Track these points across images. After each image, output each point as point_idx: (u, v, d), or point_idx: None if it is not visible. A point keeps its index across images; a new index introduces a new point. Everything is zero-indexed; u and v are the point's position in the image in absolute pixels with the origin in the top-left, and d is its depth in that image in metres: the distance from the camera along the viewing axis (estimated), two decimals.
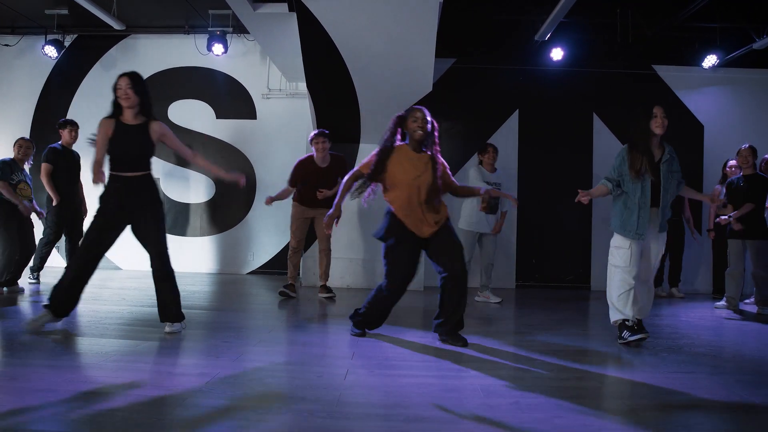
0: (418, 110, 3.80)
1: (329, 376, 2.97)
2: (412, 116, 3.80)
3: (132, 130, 3.78)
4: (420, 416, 2.39)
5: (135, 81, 3.79)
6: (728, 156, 6.86)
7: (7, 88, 8.32)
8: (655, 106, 3.85)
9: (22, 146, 5.72)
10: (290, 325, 4.49)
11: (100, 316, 4.41)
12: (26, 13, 7.66)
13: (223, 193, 8.09)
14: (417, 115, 3.79)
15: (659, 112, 3.84)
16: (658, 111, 3.84)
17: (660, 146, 3.93)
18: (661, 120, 3.83)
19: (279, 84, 8.09)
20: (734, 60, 7.47)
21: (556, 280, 7.70)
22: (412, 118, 3.80)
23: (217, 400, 2.50)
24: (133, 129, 3.78)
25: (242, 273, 8.02)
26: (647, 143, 3.86)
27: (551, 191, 7.50)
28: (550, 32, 6.95)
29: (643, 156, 3.82)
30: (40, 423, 2.15)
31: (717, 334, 4.67)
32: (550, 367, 3.33)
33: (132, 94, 3.75)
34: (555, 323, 4.89)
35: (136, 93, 3.77)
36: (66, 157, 6.13)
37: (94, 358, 3.17)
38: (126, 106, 3.76)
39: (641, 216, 3.84)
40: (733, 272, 5.76)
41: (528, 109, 7.82)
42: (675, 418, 2.48)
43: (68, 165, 6.14)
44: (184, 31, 8.05)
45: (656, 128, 3.84)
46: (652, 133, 3.85)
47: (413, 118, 3.79)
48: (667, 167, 3.88)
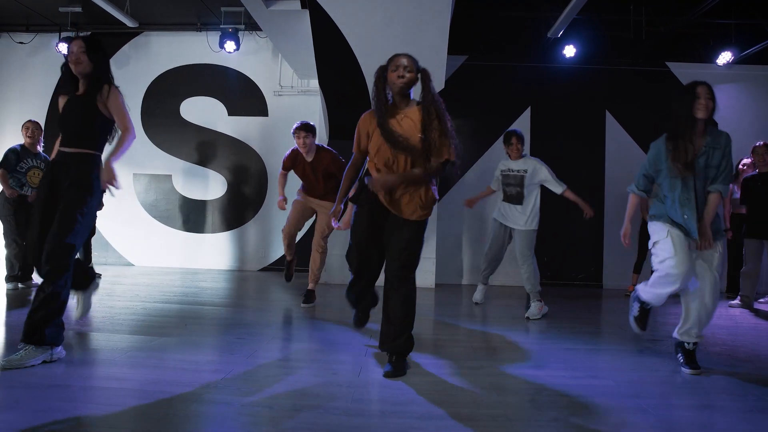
0: (402, 56, 3.03)
1: (343, 373, 2.98)
2: (393, 64, 3.03)
3: (77, 100, 3.24)
4: (433, 413, 2.39)
5: (90, 45, 3.24)
6: (744, 154, 6.79)
7: (21, 85, 8.40)
8: (699, 85, 3.20)
9: (29, 128, 5.58)
10: (304, 322, 4.50)
11: (113, 312, 4.44)
12: (40, 11, 7.72)
13: (236, 190, 8.12)
14: (399, 62, 3.00)
15: (703, 91, 3.18)
16: (702, 90, 3.18)
17: (703, 134, 3.23)
18: (705, 102, 3.16)
19: (291, 81, 8.10)
20: (749, 57, 7.38)
21: (567, 278, 7.67)
22: (392, 66, 3.03)
23: (231, 397, 2.51)
24: (78, 99, 3.23)
25: (255, 270, 8.05)
26: (690, 130, 3.20)
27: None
28: (562, 29, 6.90)
29: (687, 145, 3.18)
30: (55, 417, 2.17)
31: (732, 334, 4.62)
32: (564, 365, 3.32)
33: (85, 59, 3.19)
34: (567, 321, 4.86)
35: (90, 59, 3.20)
36: None
37: (109, 354, 3.19)
38: (76, 71, 3.21)
39: (687, 215, 3.20)
40: (749, 271, 5.71)
41: (540, 106, 7.78)
42: (691, 417, 2.47)
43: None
44: (197, 28, 8.08)
45: (697, 111, 3.17)
46: (695, 117, 3.19)
47: (393, 66, 3.02)
48: (705, 161, 3.20)
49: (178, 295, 5.50)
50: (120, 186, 3.14)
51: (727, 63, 7.37)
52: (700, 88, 3.19)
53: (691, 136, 3.20)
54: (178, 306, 4.90)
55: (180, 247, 8.07)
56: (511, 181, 5.20)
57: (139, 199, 8.08)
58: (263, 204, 8.09)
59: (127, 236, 8.03)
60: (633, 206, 3.58)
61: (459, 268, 7.65)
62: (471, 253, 7.53)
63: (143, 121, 8.12)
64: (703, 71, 7.71)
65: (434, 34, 5.70)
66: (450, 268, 7.57)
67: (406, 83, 3.01)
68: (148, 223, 8.09)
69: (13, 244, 5.41)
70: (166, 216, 8.14)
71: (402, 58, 3.01)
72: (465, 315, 5.13)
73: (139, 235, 8.02)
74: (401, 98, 3.06)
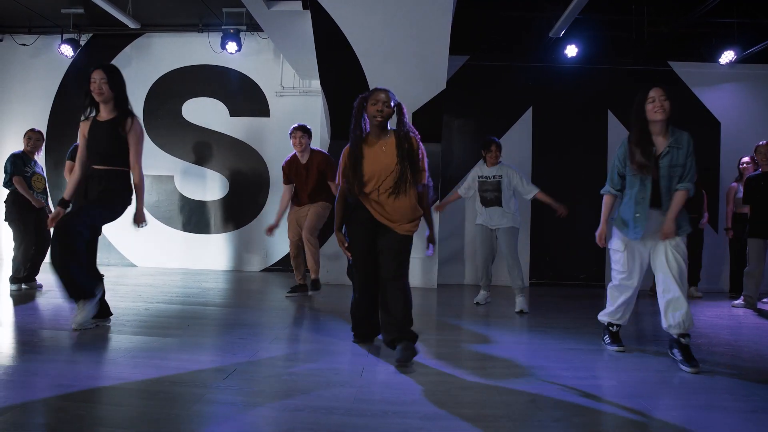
0: (381, 91, 3.34)
1: (345, 373, 2.98)
2: (372, 98, 3.36)
3: (101, 126, 3.72)
4: (436, 414, 2.39)
5: (110, 74, 3.66)
6: (745, 153, 6.78)
7: (23, 87, 8.42)
8: (652, 88, 3.33)
9: (32, 138, 5.67)
10: (306, 322, 4.50)
11: (116, 312, 4.43)
12: (42, 12, 7.74)
13: (238, 190, 8.13)
14: (378, 97, 3.32)
15: (657, 94, 3.30)
16: (655, 93, 3.30)
17: (666, 135, 3.36)
18: (660, 103, 3.28)
19: (292, 82, 8.11)
20: (752, 56, 7.37)
21: (569, 278, 7.66)
22: (372, 100, 3.35)
23: (234, 397, 2.51)
24: (102, 125, 3.72)
25: (256, 270, 8.06)
26: (643, 133, 3.35)
27: (565, 189, 7.43)
28: (564, 29, 6.90)
29: (639, 148, 3.33)
30: (58, 417, 2.18)
31: (735, 334, 4.61)
32: (566, 365, 3.31)
33: (106, 89, 3.64)
34: (569, 321, 4.86)
35: (111, 87, 3.66)
36: None
37: (112, 354, 3.19)
38: (99, 100, 3.68)
39: (639, 213, 3.39)
40: (753, 271, 5.69)
41: (542, 106, 7.78)
42: (694, 418, 2.46)
43: None
44: (198, 29, 8.09)
45: (654, 114, 3.30)
46: (649, 120, 3.33)
47: (373, 101, 3.34)
48: (668, 161, 3.32)
49: (180, 295, 5.51)
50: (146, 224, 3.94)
51: (730, 62, 7.36)
52: (654, 91, 3.33)
53: (649, 138, 3.35)
54: (180, 306, 4.90)
55: (182, 248, 8.08)
56: (488, 187, 5.47)
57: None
58: (265, 204, 8.10)
59: (130, 238, 8.02)
60: (608, 207, 3.68)
61: (461, 269, 7.64)
62: (472, 253, 7.53)
63: (145, 122, 8.11)
64: (705, 70, 7.72)
65: (436, 34, 5.70)
66: (452, 269, 7.56)
67: (385, 117, 3.34)
68: (151, 224, 8.04)
69: (22, 247, 5.44)
70: (168, 217, 8.15)
71: (381, 94, 3.34)
72: (467, 315, 5.13)
73: (141, 236, 8.02)
74: (380, 130, 3.38)
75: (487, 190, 5.46)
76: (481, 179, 5.52)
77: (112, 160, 3.71)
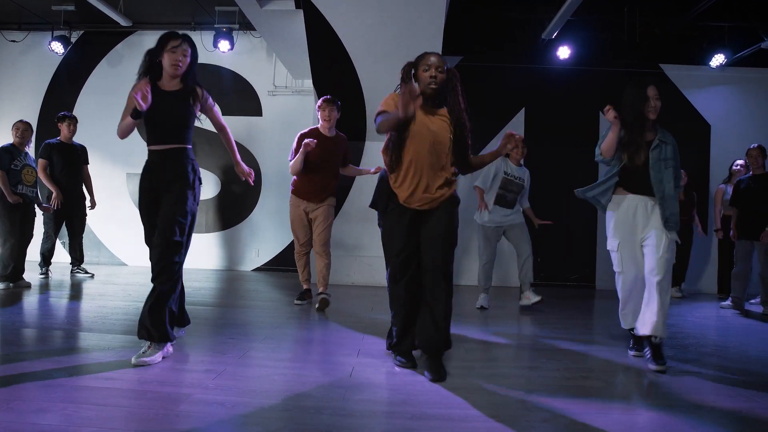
0: (432, 54, 2.98)
1: (335, 373, 2.97)
2: (423, 63, 2.98)
3: (169, 96, 3.19)
4: (425, 414, 2.39)
5: (193, 48, 3.21)
6: (735, 156, 6.83)
7: (13, 84, 8.35)
8: (648, 87, 3.40)
9: (20, 128, 5.59)
10: (296, 323, 4.49)
11: (105, 312, 4.42)
12: (33, 9, 7.68)
13: (229, 190, 8.10)
14: (430, 61, 2.96)
15: (652, 93, 3.40)
16: (651, 93, 3.39)
17: (652, 130, 3.48)
18: (654, 103, 3.40)
19: (285, 81, 8.09)
20: (742, 59, 7.42)
21: (560, 279, 7.69)
22: (423, 66, 2.98)
23: (222, 397, 2.50)
24: (171, 96, 3.19)
25: (247, 270, 8.03)
26: (640, 128, 3.43)
27: (557, 190, 7.46)
28: (557, 30, 6.92)
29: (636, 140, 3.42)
30: (45, 417, 2.16)
31: (723, 335, 4.65)
32: (556, 366, 3.32)
33: (186, 64, 3.16)
34: (560, 322, 4.88)
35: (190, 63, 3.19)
36: (63, 152, 6.15)
37: (100, 354, 3.17)
38: (177, 73, 3.16)
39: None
40: (740, 273, 5.74)
41: (534, 107, 7.80)
42: (681, 418, 2.47)
43: (65, 159, 6.16)
44: (191, 27, 8.04)
45: (650, 113, 3.41)
46: (646, 118, 3.42)
47: (425, 66, 2.97)
48: (657, 154, 3.42)
49: None
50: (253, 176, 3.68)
51: (720, 65, 7.42)
52: (651, 89, 3.39)
53: (641, 132, 3.42)
54: None
55: None
56: (513, 188, 5.29)
57: (132, 199, 8.04)
58: (257, 204, 8.08)
59: (120, 236, 7.99)
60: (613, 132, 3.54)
61: (457, 269, 7.64)
62: (466, 253, 7.54)
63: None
64: (696, 73, 7.76)
65: (429, 35, 5.70)
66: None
67: (439, 84, 2.97)
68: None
69: (7, 244, 5.38)
70: None
71: (432, 57, 2.97)
72: (458, 315, 5.12)
73: (132, 235, 7.96)
74: (432, 98, 3.01)
75: (512, 191, 5.24)
76: (508, 177, 5.23)
77: (180, 137, 3.26)
